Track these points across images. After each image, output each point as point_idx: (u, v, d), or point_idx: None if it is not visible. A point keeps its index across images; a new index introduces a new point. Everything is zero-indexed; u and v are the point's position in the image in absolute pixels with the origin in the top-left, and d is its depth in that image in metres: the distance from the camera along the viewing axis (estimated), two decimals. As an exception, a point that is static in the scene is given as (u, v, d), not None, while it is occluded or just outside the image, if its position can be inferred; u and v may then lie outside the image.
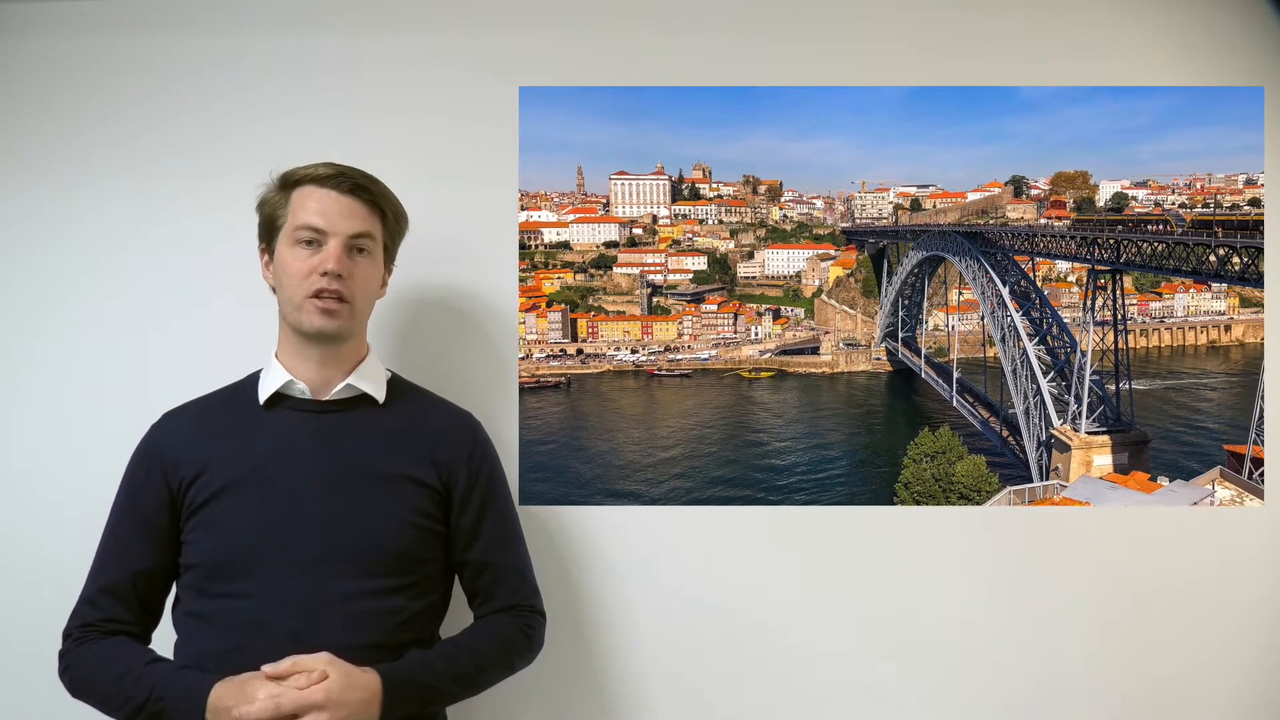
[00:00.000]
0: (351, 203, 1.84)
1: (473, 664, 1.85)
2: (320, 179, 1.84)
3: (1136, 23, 2.52)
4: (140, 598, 1.82)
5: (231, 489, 1.79)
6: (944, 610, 2.47)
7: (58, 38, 2.49)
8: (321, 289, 1.80)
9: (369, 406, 1.92)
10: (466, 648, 1.87)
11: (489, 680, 1.90)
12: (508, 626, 1.95)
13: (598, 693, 2.45)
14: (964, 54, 2.54)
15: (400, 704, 1.70)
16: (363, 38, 2.49)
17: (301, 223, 1.82)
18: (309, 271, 1.81)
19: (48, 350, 2.46)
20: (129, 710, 1.68)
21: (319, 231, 1.82)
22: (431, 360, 2.42)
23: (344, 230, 1.82)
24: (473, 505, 1.94)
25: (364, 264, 1.87)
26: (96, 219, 2.48)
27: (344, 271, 1.81)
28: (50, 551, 2.32)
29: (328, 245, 1.81)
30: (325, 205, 1.83)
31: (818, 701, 2.46)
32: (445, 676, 1.79)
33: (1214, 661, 2.45)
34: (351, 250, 1.84)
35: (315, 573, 1.75)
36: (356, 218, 1.85)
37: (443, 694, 1.80)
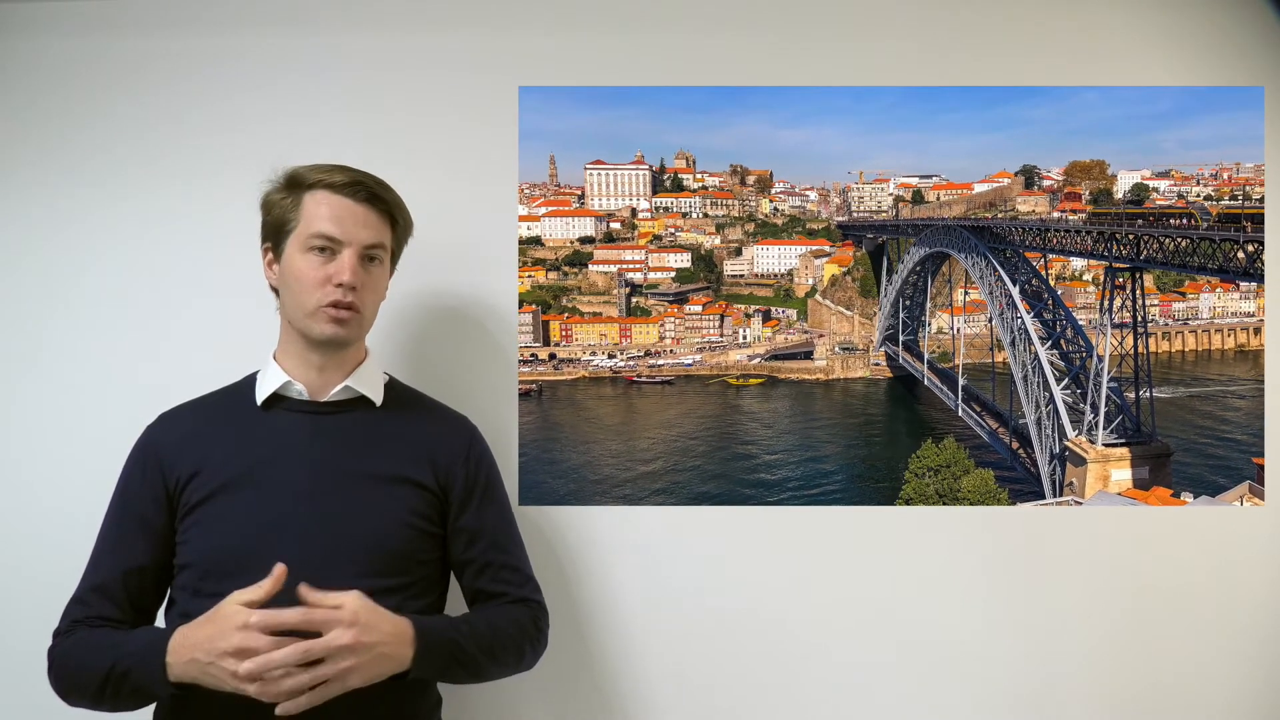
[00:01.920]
0: (367, 212, 1.95)
1: (492, 637, 1.95)
2: (336, 186, 1.94)
3: (1135, 23, 2.69)
4: (131, 596, 1.91)
5: (227, 489, 1.89)
6: (944, 610, 2.62)
7: (58, 38, 2.63)
8: (337, 300, 1.91)
9: (366, 408, 2.03)
10: (485, 621, 1.98)
11: (505, 657, 1.99)
12: (519, 613, 2.06)
13: (597, 693, 2.60)
14: (960, 54, 2.70)
15: (431, 652, 1.81)
16: (362, 38, 2.63)
17: (316, 230, 1.92)
18: (323, 280, 1.91)
19: (46, 350, 2.62)
20: (98, 682, 1.77)
21: (334, 240, 1.92)
22: (430, 360, 2.57)
23: (360, 240, 1.93)
24: (471, 507, 2.06)
25: (375, 273, 1.99)
26: (94, 219, 2.63)
27: (358, 283, 1.93)
28: (48, 552, 2.41)
29: (342, 255, 1.92)
30: (341, 214, 1.93)
31: (818, 701, 2.61)
32: (470, 640, 1.89)
33: (1214, 662, 2.61)
34: (364, 260, 1.95)
35: (311, 573, 1.78)
36: (372, 228, 1.96)
37: (467, 658, 1.89)
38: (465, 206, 2.62)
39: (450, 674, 1.92)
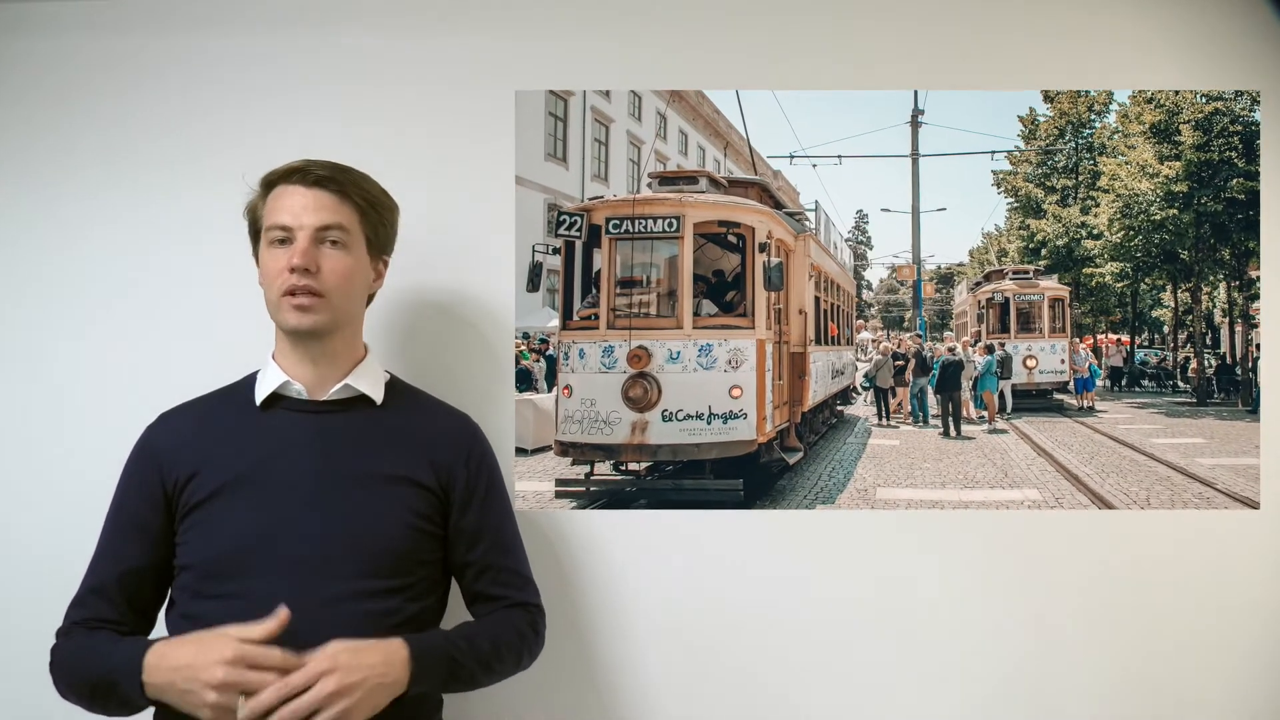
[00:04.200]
0: (318, 195, 1.95)
1: (490, 647, 1.96)
2: (286, 174, 1.96)
3: (1132, 26, 2.67)
4: (129, 598, 1.92)
5: (227, 489, 1.90)
6: (942, 611, 2.62)
7: (57, 37, 2.63)
8: (292, 286, 1.91)
9: (366, 407, 2.03)
10: (483, 631, 1.99)
11: (502, 668, 2.00)
12: (518, 618, 2.07)
13: (596, 693, 2.60)
14: (957, 58, 2.69)
15: (428, 671, 1.82)
16: (359, 41, 2.63)
17: (272, 222, 1.95)
18: (280, 270, 1.93)
19: (44, 351, 2.63)
20: (89, 690, 1.80)
21: (287, 229, 1.93)
22: (429, 362, 2.56)
23: (309, 224, 1.93)
24: (472, 508, 2.06)
25: (336, 256, 1.96)
26: (92, 219, 2.64)
27: (311, 265, 1.91)
28: (48, 553, 2.43)
29: (295, 241, 1.93)
30: (292, 201, 1.94)
31: (817, 702, 2.60)
32: (468, 653, 1.90)
33: (1212, 664, 2.60)
34: (322, 244, 1.94)
35: (312, 574, 1.84)
36: (324, 210, 1.95)
37: (464, 671, 1.90)
38: (462, 210, 2.63)
39: (447, 688, 1.94)
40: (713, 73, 2.71)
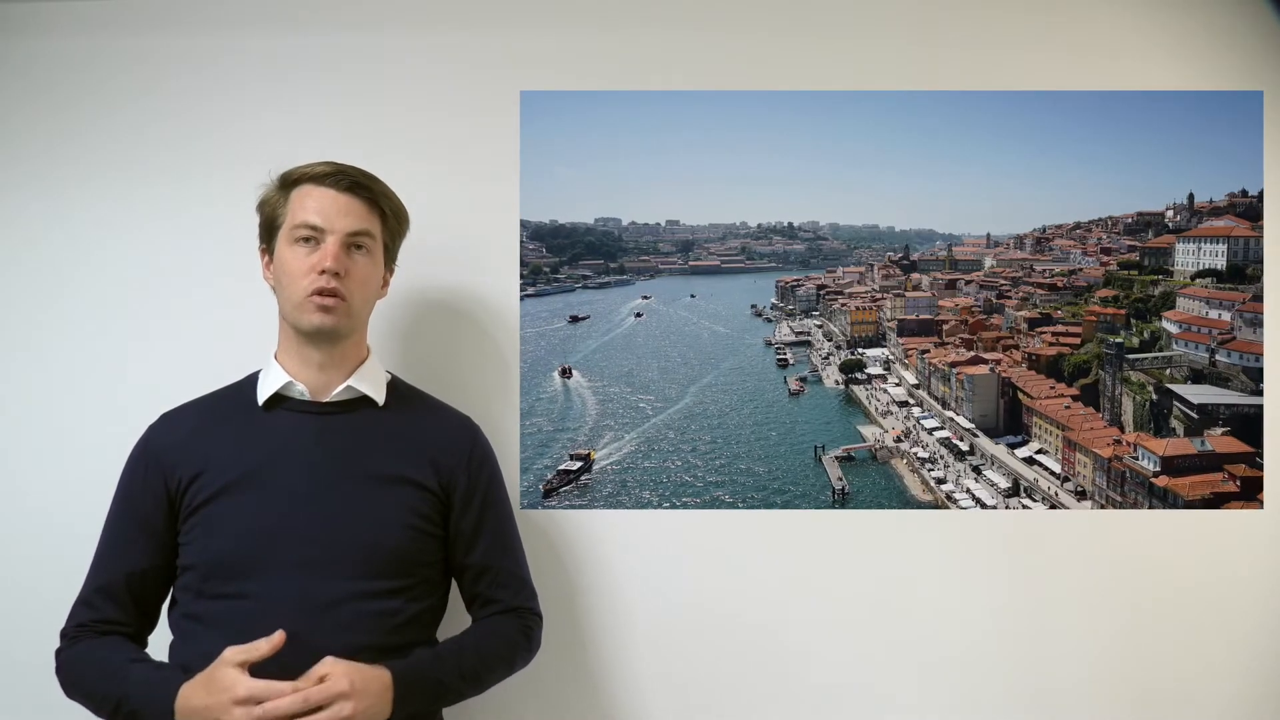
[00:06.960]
0: (350, 200, 1.98)
1: (478, 662, 1.97)
2: (318, 177, 1.98)
3: (1132, 26, 2.68)
4: (135, 599, 1.94)
5: (230, 490, 1.91)
6: (943, 612, 2.62)
7: (56, 37, 2.64)
8: (320, 288, 1.93)
9: (369, 408, 2.04)
10: (472, 646, 2.00)
11: (492, 679, 2.02)
12: (509, 627, 2.08)
13: (595, 694, 2.61)
14: (957, 59, 2.70)
15: (411, 698, 1.80)
16: (363, 39, 2.64)
17: (299, 221, 1.95)
18: (308, 270, 1.93)
19: (45, 351, 2.62)
20: (108, 709, 1.80)
21: (317, 229, 1.94)
22: (432, 363, 2.56)
23: (341, 228, 1.95)
24: (472, 509, 2.07)
25: (362, 262, 2.00)
26: (94, 218, 2.64)
27: (341, 270, 1.94)
28: (49, 553, 2.44)
29: (325, 243, 1.94)
30: (323, 203, 1.96)
31: (816, 703, 2.61)
32: (454, 673, 1.91)
33: (1213, 665, 2.60)
34: (350, 248, 1.97)
35: (314, 574, 1.86)
36: (354, 215, 1.98)
37: (451, 690, 1.91)
38: (467, 210, 2.63)
39: (434, 708, 1.96)
40: (718, 73, 2.72)
